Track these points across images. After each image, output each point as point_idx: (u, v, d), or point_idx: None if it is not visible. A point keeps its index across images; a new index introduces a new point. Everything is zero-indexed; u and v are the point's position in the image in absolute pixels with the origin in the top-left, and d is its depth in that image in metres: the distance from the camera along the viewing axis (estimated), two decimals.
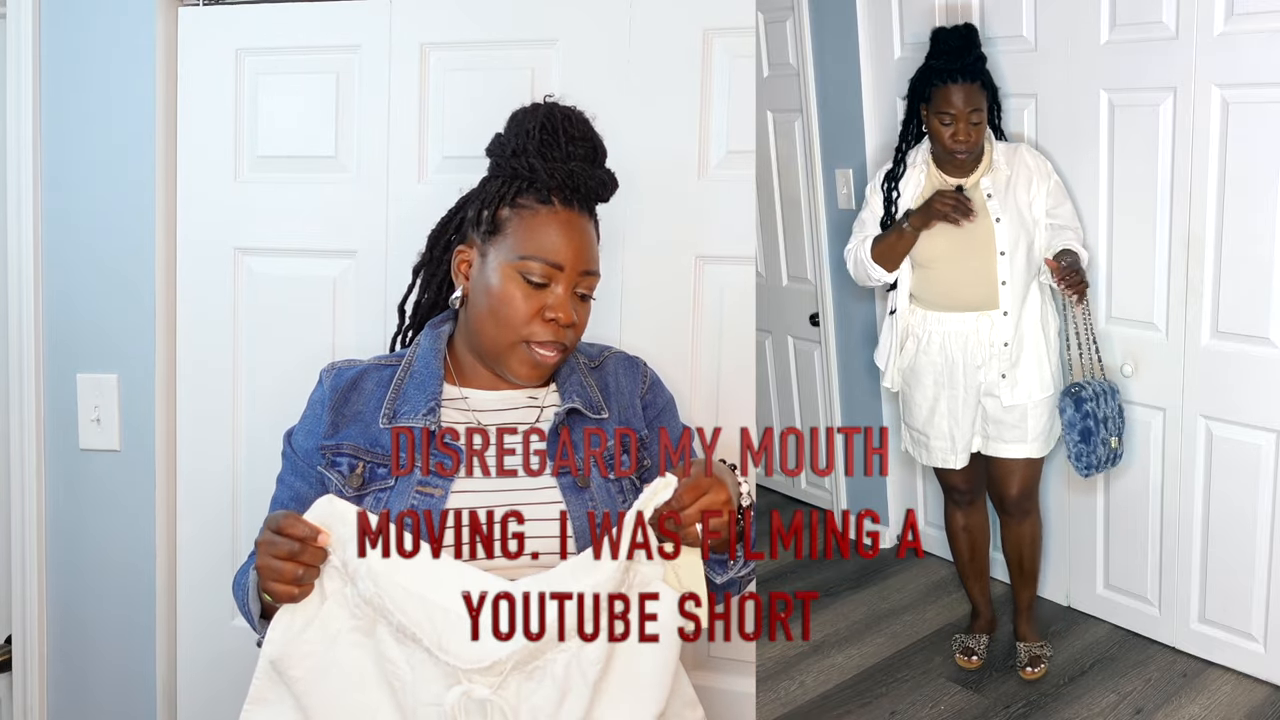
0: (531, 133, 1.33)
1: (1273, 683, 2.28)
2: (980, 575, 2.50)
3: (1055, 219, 2.26)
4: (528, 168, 1.32)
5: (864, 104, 2.79)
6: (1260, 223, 2.12)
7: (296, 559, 1.10)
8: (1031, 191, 2.24)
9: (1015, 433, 2.27)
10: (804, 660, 2.46)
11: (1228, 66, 2.11)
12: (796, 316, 3.19)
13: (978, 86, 2.17)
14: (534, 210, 1.31)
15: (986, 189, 2.22)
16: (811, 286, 3.11)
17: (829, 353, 3.08)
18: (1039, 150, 2.40)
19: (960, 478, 2.38)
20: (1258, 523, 2.24)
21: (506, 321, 1.29)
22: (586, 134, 1.36)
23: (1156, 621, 2.48)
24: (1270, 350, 2.16)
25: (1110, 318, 2.43)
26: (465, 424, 1.31)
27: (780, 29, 3.00)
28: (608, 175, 1.37)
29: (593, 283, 1.34)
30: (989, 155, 2.24)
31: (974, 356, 2.25)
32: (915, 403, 2.34)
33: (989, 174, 2.23)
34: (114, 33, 1.86)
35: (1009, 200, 2.22)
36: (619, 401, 1.39)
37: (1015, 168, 2.25)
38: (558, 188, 1.31)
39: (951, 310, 2.25)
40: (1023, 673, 2.37)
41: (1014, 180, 2.24)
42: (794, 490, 3.39)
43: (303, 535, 1.10)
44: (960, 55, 2.17)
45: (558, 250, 1.29)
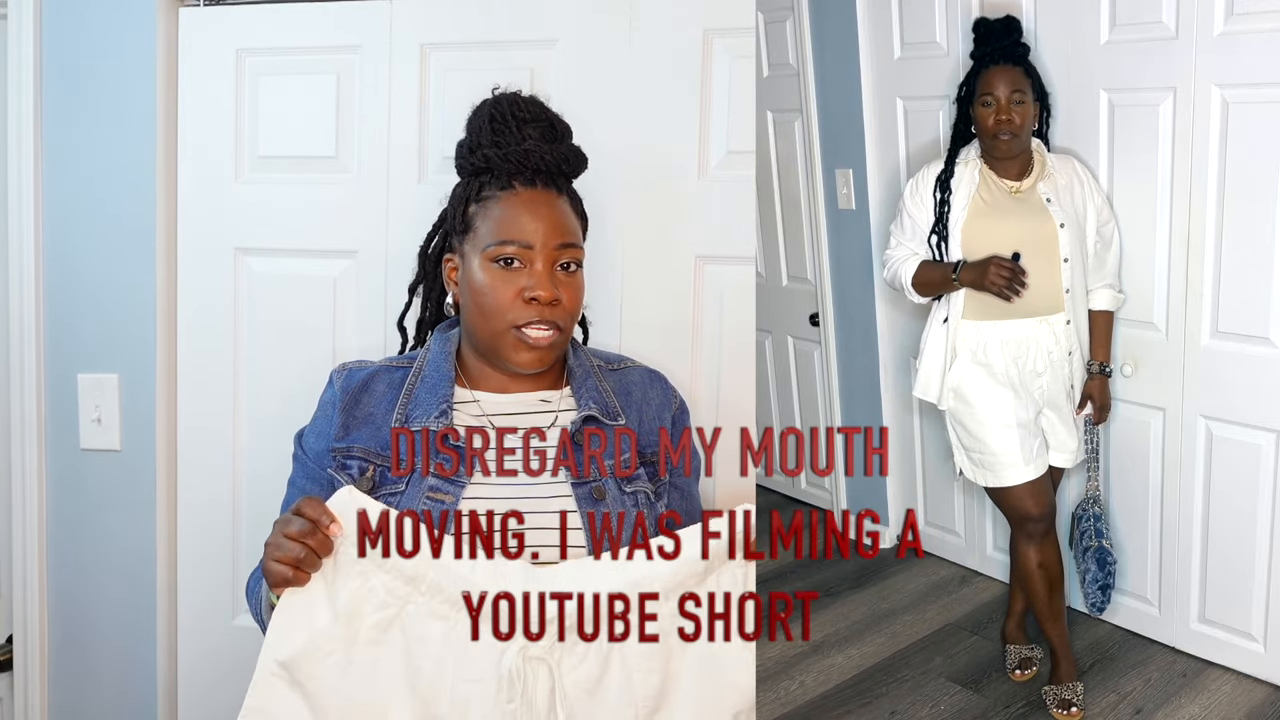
0: (483, 126, 1.34)
1: (1273, 683, 2.29)
2: (1058, 617, 2.24)
3: (1102, 236, 2.25)
4: (484, 159, 1.32)
5: (864, 104, 2.79)
6: (1260, 223, 2.12)
7: (304, 539, 1.09)
8: (1085, 204, 2.21)
9: (1072, 445, 2.27)
10: (804, 660, 2.46)
11: (1228, 66, 2.11)
12: (796, 316, 3.19)
13: (1021, 72, 2.14)
14: (497, 198, 1.31)
15: (1045, 193, 2.15)
16: (811, 286, 3.11)
17: (829, 353, 3.08)
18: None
19: (1033, 502, 2.16)
20: (1258, 523, 2.24)
21: (491, 311, 1.28)
22: (538, 114, 1.35)
23: (1156, 621, 2.48)
24: (1270, 350, 2.17)
25: None
26: (479, 427, 1.30)
27: (780, 29, 3.00)
28: (570, 150, 1.36)
29: (575, 255, 1.32)
30: (1042, 161, 2.19)
31: (1035, 363, 2.16)
32: (977, 419, 2.17)
33: (1045, 179, 2.17)
34: (114, 33, 1.86)
35: (1068, 208, 2.17)
36: (642, 411, 1.38)
37: (1070, 176, 2.21)
38: (515, 171, 1.31)
39: (1013, 317, 2.13)
40: (1012, 675, 2.37)
41: (1071, 188, 2.20)
42: (794, 490, 3.39)
43: (315, 517, 1.10)
44: (1001, 38, 2.16)
45: (524, 230, 1.28)
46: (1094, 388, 2.26)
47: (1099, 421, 2.30)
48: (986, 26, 2.21)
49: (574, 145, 1.38)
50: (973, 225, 2.14)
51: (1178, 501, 2.37)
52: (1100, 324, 2.27)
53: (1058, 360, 2.19)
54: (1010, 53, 2.15)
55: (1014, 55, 2.15)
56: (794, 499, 3.38)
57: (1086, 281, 2.23)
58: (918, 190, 2.22)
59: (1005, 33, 2.17)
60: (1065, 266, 2.15)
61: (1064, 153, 2.35)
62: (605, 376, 1.39)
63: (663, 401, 1.41)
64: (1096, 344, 2.26)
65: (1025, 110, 2.12)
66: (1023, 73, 2.15)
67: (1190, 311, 2.27)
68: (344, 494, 1.13)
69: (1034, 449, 2.17)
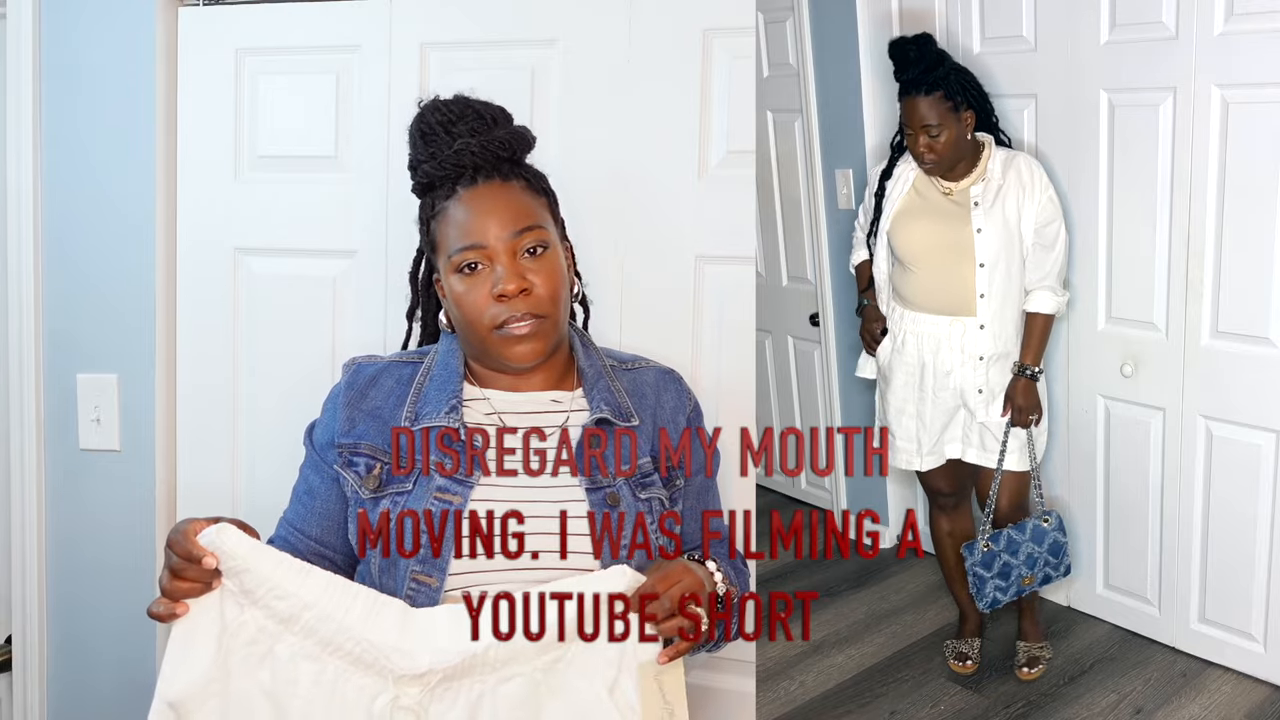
0: (415, 142, 1.33)
1: (1273, 683, 2.29)
2: (966, 579, 2.46)
3: (1041, 239, 2.22)
4: (425, 175, 1.31)
5: (864, 104, 2.79)
6: (1260, 223, 2.12)
7: (180, 575, 1.10)
8: (1021, 206, 2.20)
9: (994, 445, 2.26)
10: (804, 660, 2.46)
11: (1228, 66, 2.11)
12: (796, 316, 3.18)
13: (939, 97, 2.13)
14: (445, 209, 1.29)
15: (975, 196, 2.20)
16: (811, 286, 3.11)
17: (829, 353, 3.08)
18: (1039, 154, 2.40)
19: (942, 481, 2.37)
20: (1258, 523, 2.24)
21: (470, 318, 1.27)
22: (463, 111, 1.32)
23: (1156, 621, 2.48)
24: (1270, 350, 2.16)
25: (1110, 318, 2.43)
26: (490, 425, 1.29)
27: (780, 29, 3.00)
28: (505, 134, 1.32)
29: (538, 236, 1.27)
30: (984, 163, 2.22)
31: (944, 362, 2.24)
32: (886, 401, 2.35)
33: (981, 182, 2.21)
34: (114, 32, 1.86)
35: (995, 212, 2.19)
36: (655, 413, 1.36)
37: (1008, 178, 2.21)
38: (455, 176, 1.29)
39: (926, 311, 2.25)
40: (1019, 672, 2.37)
41: (1004, 191, 2.20)
42: (794, 490, 3.39)
43: (185, 554, 1.10)
44: (912, 67, 2.15)
45: (475, 231, 1.26)
46: (1013, 389, 2.23)
47: (1018, 424, 2.22)
48: (900, 53, 2.18)
49: (511, 128, 1.34)
50: (897, 222, 2.28)
51: (1178, 501, 2.37)
52: (1034, 325, 2.24)
53: (969, 362, 2.23)
54: (920, 82, 2.13)
55: (925, 84, 2.13)
56: (794, 499, 3.38)
57: (1024, 284, 2.24)
58: (872, 182, 2.36)
59: (917, 60, 2.15)
60: (981, 271, 2.19)
61: (1053, 143, 2.35)
62: (618, 377, 1.37)
63: (677, 404, 1.40)
64: (1025, 345, 2.25)
65: (944, 137, 2.15)
66: (941, 96, 2.14)
67: (1190, 311, 2.27)
68: (211, 532, 1.11)
69: (931, 442, 2.31)
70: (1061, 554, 2.28)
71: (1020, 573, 2.24)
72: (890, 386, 2.33)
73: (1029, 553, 2.24)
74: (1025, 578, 2.25)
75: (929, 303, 2.25)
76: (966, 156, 2.21)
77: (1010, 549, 2.23)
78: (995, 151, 2.24)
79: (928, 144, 2.15)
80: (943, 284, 2.22)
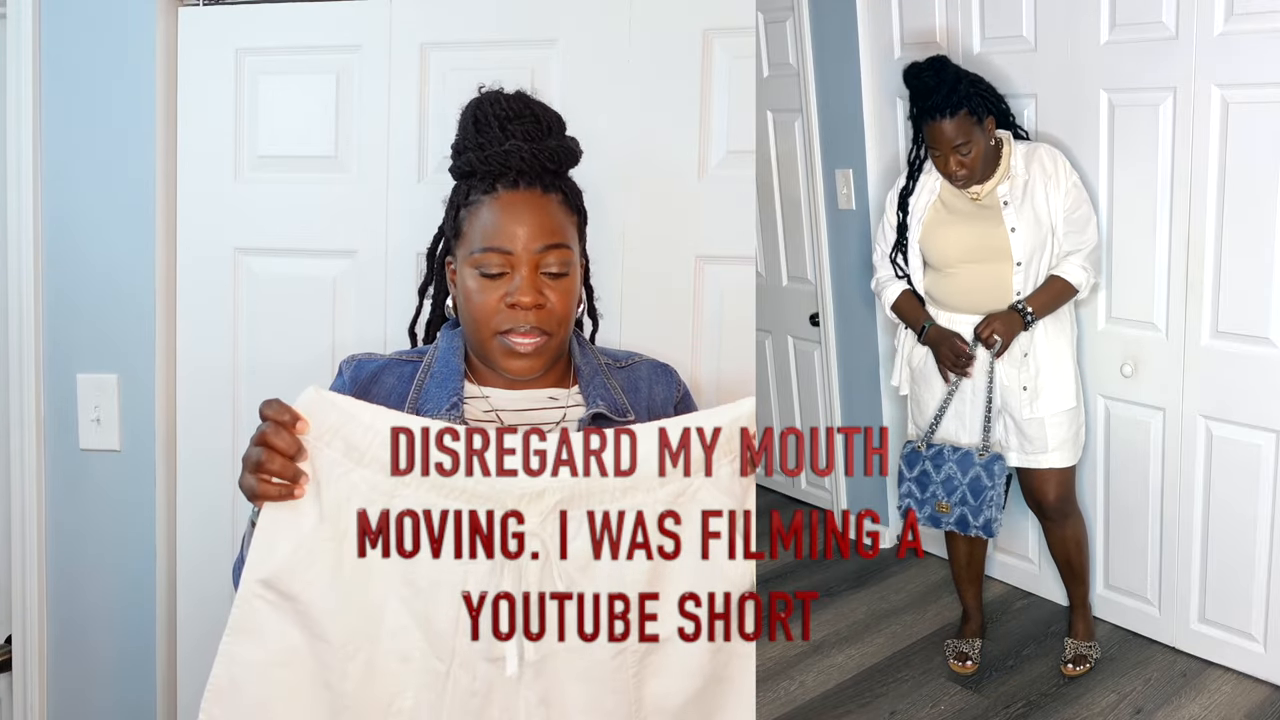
0: (466, 128, 1.32)
1: (1273, 683, 2.29)
2: (975, 580, 2.50)
3: (1071, 224, 2.23)
4: (468, 163, 1.30)
5: (864, 104, 2.79)
6: (1260, 223, 2.12)
7: (270, 444, 1.08)
8: (1049, 195, 2.21)
9: (1038, 444, 2.26)
10: (804, 660, 2.46)
11: (1228, 66, 2.11)
12: (796, 316, 3.19)
13: (963, 115, 2.14)
14: (481, 203, 1.29)
15: (1003, 196, 2.22)
16: (811, 286, 3.11)
17: (829, 353, 3.08)
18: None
19: None
20: (1258, 523, 2.24)
21: (478, 317, 1.27)
22: (522, 110, 1.31)
23: (1156, 621, 2.48)
24: (1270, 350, 2.16)
25: (1110, 317, 2.43)
26: (489, 423, 1.29)
27: (780, 29, 3.00)
28: (558, 144, 1.31)
29: (563, 256, 1.27)
30: (1006, 161, 2.23)
31: (984, 361, 2.23)
32: (924, 403, 2.33)
33: (1007, 180, 2.22)
34: (114, 32, 1.86)
35: (1025, 208, 2.20)
36: (649, 406, 1.37)
37: (1032, 171, 2.23)
38: (498, 173, 1.28)
39: (963, 312, 2.25)
40: (1064, 668, 2.38)
41: (1031, 185, 2.22)
42: (794, 490, 3.39)
43: (280, 418, 1.09)
44: (932, 94, 2.14)
45: (504, 237, 1.26)
46: (1000, 314, 2.20)
47: (989, 348, 2.20)
48: (917, 82, 2.18)
49: (563, 139, 1.34)
50: (929, 233, 2.28)
51: (1178, 501, 2.37)
52: (1051, 283, 2.23)
53: (1011, 359, 2.23)
54: (944, 106, 2.13)
55: (949, 107, 2.13)
56: (794, 499, 3.38)
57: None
58: (894, 201, 2.35)
59: (937, 86, 2.14)
60: (1018, 270, 2.20)
61: (1054, 143, 2.34)
62: (613, 374, 1.38)
63: (666, 396, 1.41)
64: (1036, 293, 2.22)
65: (974, 152, 2.16)
66: (966, 113, 2.14)
67: (1190, 311, 2.27)
68: (310, 392, 1.09)
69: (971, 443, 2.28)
70: (982, 498, 2.19)
71: (935, 493, 2.23)
72: (928, 389, 2.31)
73: (949, 474, 2.22)
74: (939, 503, 2.23)
75: (965, 303, 2.25)
76: (991, 159, 2.22)
77: (936, 461, 2.23)
78: (1015, 147, 2.25)
79: (959, 161, 2.16)
80: (980, 284, 2.23)
